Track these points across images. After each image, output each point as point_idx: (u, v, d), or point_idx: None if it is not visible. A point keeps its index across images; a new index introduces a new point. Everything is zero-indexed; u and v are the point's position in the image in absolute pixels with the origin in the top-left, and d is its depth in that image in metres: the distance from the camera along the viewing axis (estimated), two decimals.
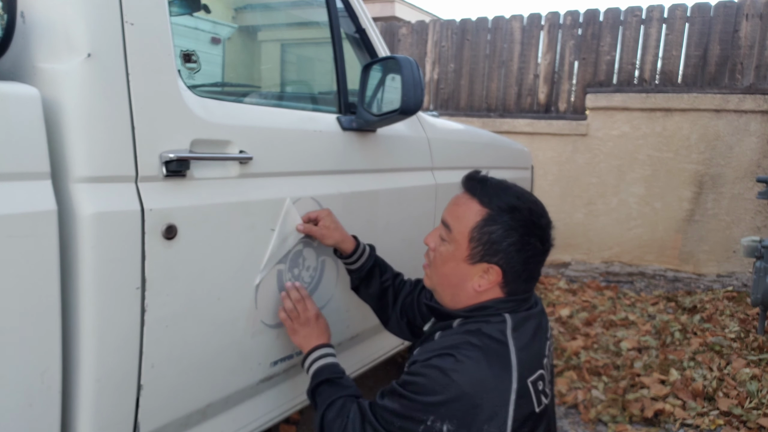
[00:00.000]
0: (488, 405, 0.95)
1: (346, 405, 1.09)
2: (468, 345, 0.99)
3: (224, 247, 1.10)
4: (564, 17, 4.53)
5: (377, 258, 1.41)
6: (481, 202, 1.06)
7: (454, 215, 1.10)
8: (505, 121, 4.69)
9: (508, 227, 1.03)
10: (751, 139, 3.96)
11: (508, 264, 1.04)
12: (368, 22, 1.57)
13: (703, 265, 4.14)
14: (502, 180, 1.12)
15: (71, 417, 0.92)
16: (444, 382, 0.95)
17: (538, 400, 1.01)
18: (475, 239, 1.05)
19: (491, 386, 0.95)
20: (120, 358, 0.95)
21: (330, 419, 1.09)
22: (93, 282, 0.88)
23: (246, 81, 2.32)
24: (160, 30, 0.98)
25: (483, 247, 1.04)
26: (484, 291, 1.06)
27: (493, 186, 1.09)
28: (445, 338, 1.05)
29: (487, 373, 0.96)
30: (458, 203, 1.11)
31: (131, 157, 0.93)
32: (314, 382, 1.17)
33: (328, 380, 1.16)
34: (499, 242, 1.03)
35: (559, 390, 2.31)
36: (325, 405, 1.11)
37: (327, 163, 1.38)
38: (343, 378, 1.18)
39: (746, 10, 3.98)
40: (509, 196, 1.06)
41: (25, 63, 0.88)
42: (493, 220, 1.04)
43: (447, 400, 0.94)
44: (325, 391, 1.14)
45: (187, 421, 1.12)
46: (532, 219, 1.05)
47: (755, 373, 2.37)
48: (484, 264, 1.05)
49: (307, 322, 1.23)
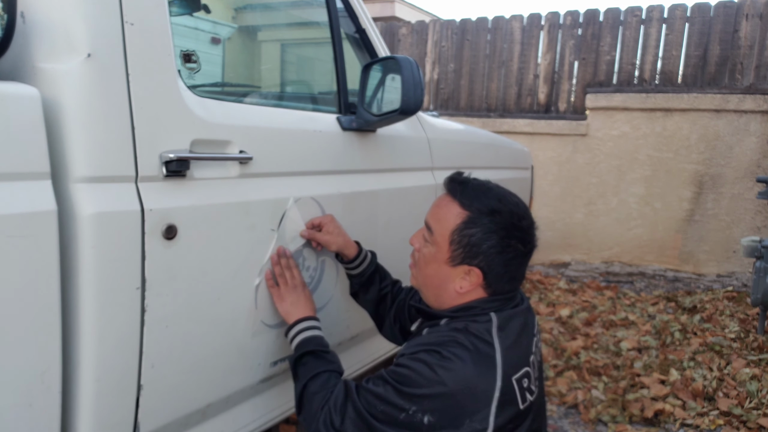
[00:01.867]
0: (471, 402, 0.96)
1: (330, 380, 1.10)
2: (454, 343, 1.00)
3: (224, 247, 1.10)
4: (564, 17, 4.53)
5: (378, 264, 1.42)
6: (462, 204, 1.06)
7: (435, 217, 1.10)
8: (505, 121, 4.69)
9: (487, 230, 1.03)
10: (751, 139, 3.96)
11: (488, 266, 1.04)
12: (368, 22, 1.57)
13: (703, 265, 4.14)
14: (486, 181, 1.12)
15: (71, 417, 0.92)
16: (429, 376, 0.96)
17: (523, 398, 1.02)
18: (455, 242, 1.05)
19: (475, 384, 0.96)
20: (120, 358, 0.95)
21: (312, 391, 1.09)
22: (93, 282, 0.88)
23: (246, 81, 2.32)
24: (160, 30, 0.98)
25: (463, 250, 1.05)
26: (466, 292, 1.07)
27: (474, 188, 1.08)
28: (433, 334, 1.06)
29: (472, 371, 0.97)
30: (440, 205, 1.11)
31: (131, 157, 0.93)
32: (299, 352, 1.16)
33: (314, 352, 1.15)
34: (478, 245, 1.04)
35: (559, 390, 2.32)
36: (309, 376, 1.11)
37: (327, 163, 1.38)
38: (329, 353, 1.17)
39: (746, 10, 3.98)
40: (490, 199, 1.06)
41: (25, 63, 0.88)
42: (473, 222, 1.04)
43: (431, 395, 0.96)
44: (310, 363, 1.14)
45: (187, 421, 1.12)
46: (512, 221, 1.05)
47: (755, 373, 2.37)
48: (464, 266, 1.05)
49: (295, 288, 1.22)
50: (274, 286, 1.22)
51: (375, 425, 0.99)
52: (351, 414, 1.01)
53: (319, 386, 1.09)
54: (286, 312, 1.22)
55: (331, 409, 1.04)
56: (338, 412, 1.03)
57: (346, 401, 1.04)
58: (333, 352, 1.19)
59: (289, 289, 1.22)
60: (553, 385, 2.35)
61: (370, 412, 1.00)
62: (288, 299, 1.21)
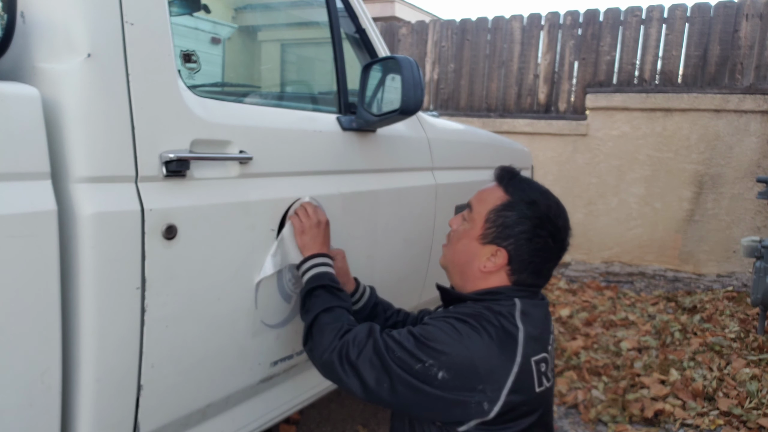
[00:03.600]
0: (487, 373, 0.99)
1: (343, 316, 1.12)
2: (483, 318, 1.04)
3: (224, 247, 1.10)
4: (564, 17, 4.53)
5: (378, 298, 1.43)
6: (506, 190, 1.13)
7: (479, 198, 1.17)
8: (505, 121, 4.69)
9: (523, 215, 1.09)
10: (751, 139, 3.96)
11: (516, 251, 1.09)
12: (368, 22, 1.57)
13: (703, 265, 4.14)
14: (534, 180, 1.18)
15: (71, 417, 0.92)
16: (455, 337, 1.00)
17: (539, 381, 1.05)
18: (490, 220, 1.11)
19: (496, 357, 1.00)
20: (120, 358, 0.95)
21: (325, 322, 1.10)
22: (93, 282, 0.88)
23: (246, 81, 2.32)
24: (160, 30, 0.98)
25: (496, 229, 1.10)
26: (489, 273, 1.11)
27: (521, 180, 1.16)
28: (460, 308, 1.10)
29: (496, 348, 1.00)
30: (485, 189, 1.18)
31: (131, 157, 0.93)
32: (312, 284, 1.17)
33: (327, 287, 1.16)
34: (511, 227, 1.09)
35: (559, 390, 2.31)
36: (321, 308, 1.13)
37: (327, 163, 1.38)
38: (342, 291, 1.19)
39: (746, 10, 3.98)
40: (533, 191, 1.13)
41: (25, 63, 0.88)
42: (511, 206, 1.11)
43: (450, 353, 0.99)
44: (323, 296, 1.15)
45: (187, 421, 1.12)
46: (548, 214, 1.10)
47: (755, 373, 2.38)
48: (493, 246, 1.10)
49: (319, 224, 1.23)
50: (297, 218, 1.22)
51: (391, 366, 1.01)
52: (369, 350, 1.03)
53: (332, 318, 1.11)
54: (304, 245, 1.22)
55: (349, 342, 1.05)
56: (356, 346, 1.04)
57: (368, 338, 1.05)
58: (345, 291, 1.21)
59: (312, 223, 1.22)
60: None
61: (388, 354, 1.02)
62: (309, 233, 1.21)
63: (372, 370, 1.02)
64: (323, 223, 1.24)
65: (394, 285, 1.66)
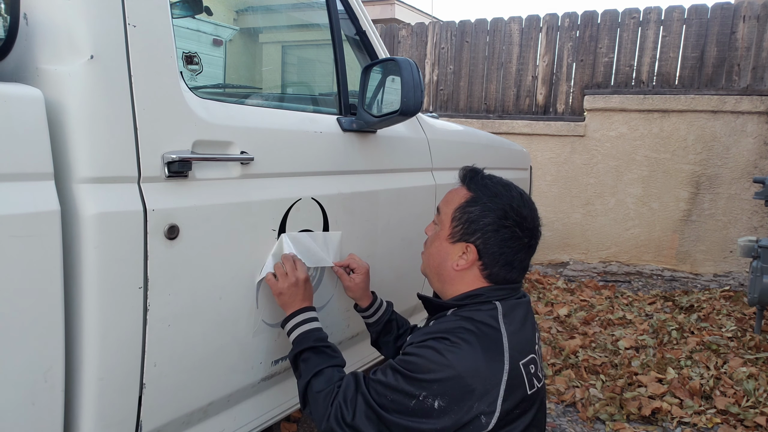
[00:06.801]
0: (480, 386, 0.98)
1: (334, 376, 1.11)
2: (462, 329, 1.03)
3: (226, 247, 1.11)
4: (562, 19, 4.55)
5: (395, 313, 1.43)
6: (469, 188, 1.16)
7: (445, 200, 1.20)
8: (504, 122, 4.70)
9: (485, 209, 1.11)
10: (748, 140, 3.98)
11: (484, 244, 1.10)
12: (368, 24, 1.58)
13: (700, 264, 4.16)
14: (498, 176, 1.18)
15: (74, 415, 0.93)
16: (439, 361, 0.99)
17: (530, 383, 1.05)
18: (456, 218, 1.13)
19: (483, 368, 0.99)
20: (122, 357, 0.95)
21: (317, 390, 1.09)
22: (96, 282, 0.89)
23: (247, 82, 2.33)
24: (163, 32, 0.98)
25: (462, 226, 1.12)
26: (462, 270, 1.11)
27: (483, 176, 1.17)
28: (440, 324, 1.09)
29: (480, 356, 0.99)
30: (451, 191, 1.20)
31: (134, 157, 0.94)
32: (299, 348, 1.16)
33: (314, 348, 1.15)
34: (476, 221, 1.10)
35: (557, 388, 2.33)
36: (312, 373, 1.11)
37: (327, 163, 1.39)
38: (329, 347, 1.17)
39: (743, 12, 4.00)
40: (495, 185, 1.14)
41: (29, 64, 0.89)
42: (474, 201, 1.13)
43: (440, 379, 0.98)
44: (312, 359, 1.14)
45: (189, 420, 1.13)
46: (511, 204, 1.11)
47: (752, 372, 2.39)
48: (462, 243, 1.12)
49: (296, 283, 1.18)
50: (272, 278, 1.20)
51: (386, 416, 1.00)
52: (361, 407, 1.02)
53: (323, 383, 1.10)
54: (284, 304, 1.21)
55: (341, 404, 1.04)
56: (349, 407, 1.03)
57: (356, 394, 1.04)
58: (333, 345, 1.19)
59: (289, 282, 1.19)
60: (551, 383, 2.36)
61: (380, 403, 1.01)
62: (287, 293, 1.19)
63: (371, 424, 1.01)
64: (301, 281, 1.20)
65: (394, 284, 1.67)
